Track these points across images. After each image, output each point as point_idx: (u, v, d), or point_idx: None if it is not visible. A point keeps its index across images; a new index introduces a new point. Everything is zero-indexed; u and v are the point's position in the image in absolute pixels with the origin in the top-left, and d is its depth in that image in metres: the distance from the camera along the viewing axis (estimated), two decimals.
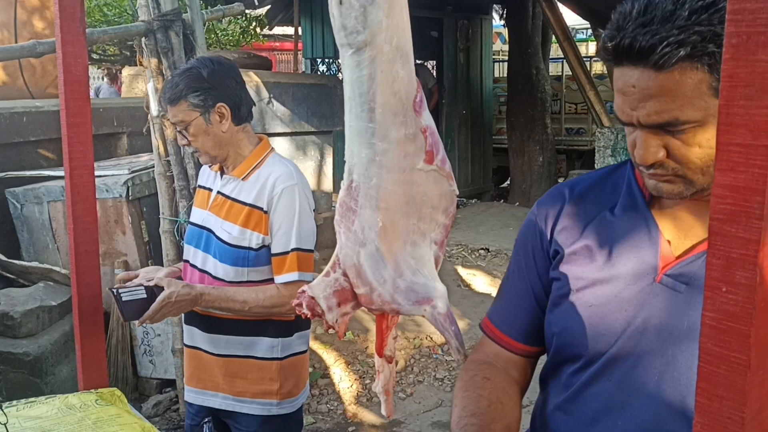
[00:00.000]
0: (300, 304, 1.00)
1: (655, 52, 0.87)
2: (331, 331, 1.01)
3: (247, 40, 9.79)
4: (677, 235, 1.04)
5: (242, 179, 2.07)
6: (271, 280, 2.05)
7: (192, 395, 2.21)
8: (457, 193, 1.01)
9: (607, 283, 1.06)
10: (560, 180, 8.84)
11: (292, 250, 2.01)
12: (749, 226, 0.55)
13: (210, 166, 2.18)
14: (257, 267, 2.05)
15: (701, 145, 0.91)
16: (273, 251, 2.03)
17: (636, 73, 0.90)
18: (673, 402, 0.99)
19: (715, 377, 0.59)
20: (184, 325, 2.22)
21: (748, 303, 0.56)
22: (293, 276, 2.00)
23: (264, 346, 2.10)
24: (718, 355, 0.59)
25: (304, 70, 10.28)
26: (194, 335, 2.17)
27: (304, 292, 1.00)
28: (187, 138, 2.04)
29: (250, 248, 2.03)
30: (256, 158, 2.09)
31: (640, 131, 0.94)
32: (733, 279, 0.57)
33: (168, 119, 2.11)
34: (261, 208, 2.02)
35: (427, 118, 0.97)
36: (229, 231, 2.04)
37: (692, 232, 1.03)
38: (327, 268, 1.01)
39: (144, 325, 2.04)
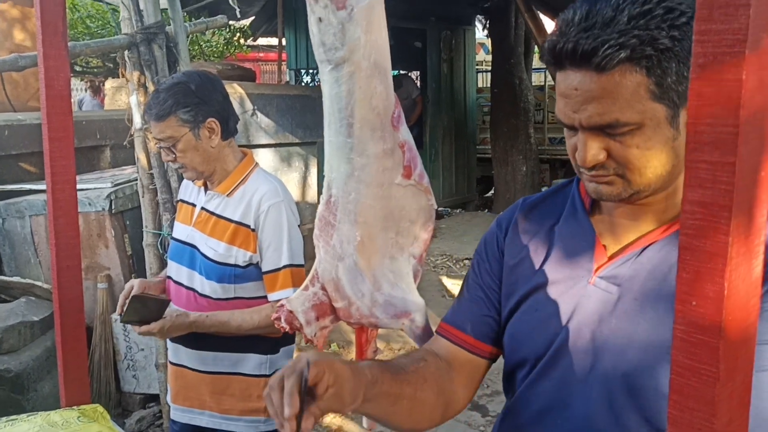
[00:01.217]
0: (278, 318, 1.00)
1: (597, 55, 0.90)
2: (310, 344, 1.01)
3: (231, 51, 9.79)
4: (613, 239, 1.08)
5: (227, 195, 2.05)
6: (260, 297, 2.05)
7: (178, 413, 2.18)
8: (436, 207, 1.01)
9: (547, 287, 1.11)
10: (544, 189, 8.89)
11: (284, 266, 2.00)
12: (717, 241, 0.57)
13: (193, 181, 2.17)
14: (244, 283, 2.04)
15: (639, 147, 0.94)
16: (264, 269, 2.02)
17: (578, 76, 0.94)
18: (602, 400, 1.02)
19: (686, 389, 0.60)
20: (169, 342, 2.20)
21: (716, 316, 0.57)
22: (289, 292, 1.96)
23: (253, 363, 2.09)
24: (689, 367, 0.60)
25: (288, 81, 10.30)
26: (179, 352, 2.15)
27: (282, 306, 1.01)
28: (174, 154, 2.00)
29: (236, 265, 2.02)
30: (241, 174, 2.08)
31: (581, 134, 0.98)
32: (703, 293, 0.58)
33: (153, 135, 2.06)
34: (248, 226, 2.01)
35: (404, 133, 0.97)
36: (214, 248, 2.03)
37: (626, 236, 1.06)
38: (306, 282, 1.02)
39: (127, 339, 2.03)
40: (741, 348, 0.60)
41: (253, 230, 2.01)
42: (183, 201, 2.23)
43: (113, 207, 3.96)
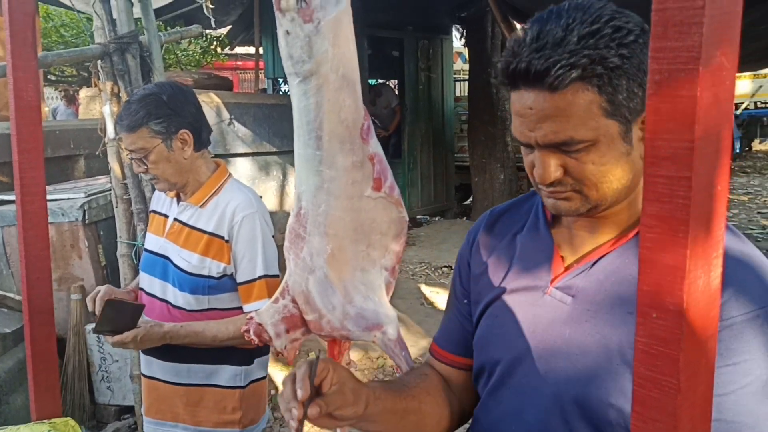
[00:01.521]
0: (248, 331, 1.00)
1: (549, 75, 0.92)
2: (281, 356, 1.01)
3: (208, 60, 9.75)
4: (571, 250, 1.11)
5: (200, 206, 2.04)
6: (235, 308, 2.04)
7: (151, 427, 2.16)
8: (407, 219, 1.01)
9: (508, 296, 1.14)
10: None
11: (260, 277, 1.99)
12: (675, 254, 0.57)
13: (166, 192, 2.15)
14: (218, 294, 2.03)
15: (594, 163, 0.97)
16: (239, 280, 2.01)
17: (532, 96, 0.96)
18: (555, 409, 1.05)
19: (649, 400, 0.61)
20: (142, 354, 2.18)
21: (676, 328, 0.58)
22: (264, 303, 1.96)
23: (227, 374, 2.08)
24: (651, 379, 0.60)
25: (266, 89, 10.27)
26: (152, 364, 2.13)
27: (251, 318, 1.01)
28: (146, 165, 1.98)
29: (210, 277, 2.00)
30: (214, 185, 2.07)
31: (538, 152, 1.00)
32: (662, 305, 0.59)
33: (124, 146, 2.03)
34: (222, 237, 2.00)
35: (374, 146, 0.97)
36: (187, 259, 2.02)
37: (583, 247, 1.09)
38: (276, 294, 1.01)
39: (101, 350, 2.02)
40: (701, 359, 0.61)
41: (227, 241, 2.00)
42: (155, 212, 2.21)
43: (87, 217, 3.92)
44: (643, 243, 0.60)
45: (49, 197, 2.35)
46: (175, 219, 2.09)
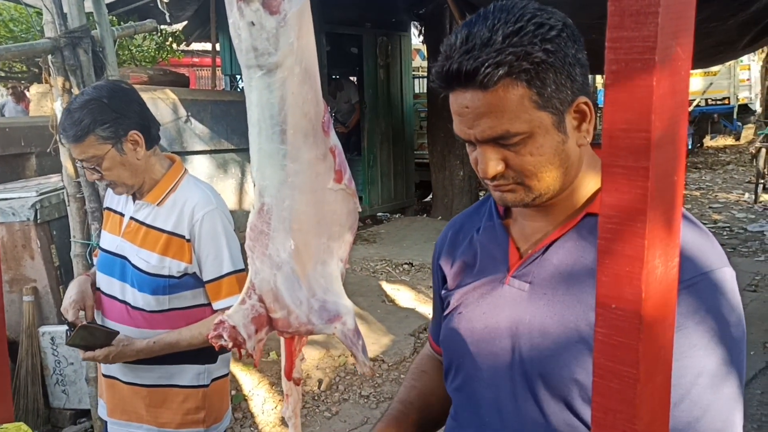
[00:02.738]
0: (220, 336, 0.98)
1: (479, 74, 0.97)
2: (249, 358, 0.99)
3: (164, 56, 9.58)
4: (524, 240, 1.17)
5: (157, 205, 1.99)
6: (197, 306, 2.00)
7: (115, 428, 2.10)
8: (360, 209, 1.02)
9: (471, 293, 1.19)
10: (481, 194, 9.02)
11: (228, 273, 1.96)
12: (634, 244, 0.57)
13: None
14: (179, 293, 1.99)
15: (532, 154, 1.02)
16: (206, 278, 1.98)
17: (467, 95, 1.01)
18: (526, 394, 1.09)
19: (608, 391, 0.61)
20: None
21: (635, 319, 0.58)
22: (237, 299, 1.94)
23: (190, 374, 2.04)
24: (610, 369, 0.60)
25: (224, 86, 10.15)
26: (111, 365, 2.08)
27: (222, 322, 0.99)
28: (100, 172, 1.92)
29: (171, 276, 1.96)
30: (170, 182, 2.02)
31: (479, 147, 1.05)
32: (621, 295, 0.59)
33: (74, 156, 1.95)
34: (182, 236, 1.96)
35: (334, 138, 0.97)
36: (146, 259, 1.97)
37: (534, 235, 1.15)
38: (242, 295, 1.00)
39: (56, 353, 1.98)
40: (660, 349, 0.61)
41: (188, 240, 1.96)
42: (110, 209, 2.15)
43: (39, 216, 3.82)
44: (602, 234, 0.60)
45: None
46: (132, 218, 2.03)
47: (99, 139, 1.88)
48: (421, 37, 9.81)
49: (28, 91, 8.63)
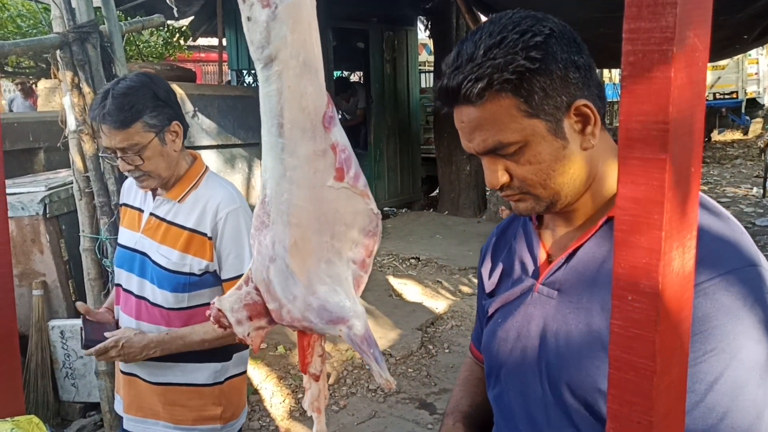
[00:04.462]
0: (209, 316, 1.00)
1: (461, 89, 0.99)
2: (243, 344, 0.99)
3: (171, 51, 9.58)
4: (555, 246, 1.16)
5: (178, 201, 1.98)
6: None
7: (132, 424, 2.10)
8: (376, 211, 0.99)
9: (506, 300, 1.19)
10: (488, 189, 9.00)
11: None
12: (651, 236, 0.57)
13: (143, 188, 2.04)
14: (199, 291, 1.98)
15: (531, 162, 1.02)
16: (225, 276, 1.96)
17: (462, 111, 1.02)
18: (554, 403, 1.07)
19: (624, 383, 0.61)
20: None
21: (652, 310, 0.58)
22: None
23: (206, 372, 2.04)
24: (627, 361, 0.60)
25: (230, 81, 10.15)
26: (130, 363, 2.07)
27: (213, 303, 0.99)
28: (141, 161, 1.87)
29: (192, 274, 1.95)
30: (192, 178, 2.01)
31: (482, 160, 1.06)
32: (638, 288, 0.58)
33: (112, 145, 1.86)
34: (204, 234, 1.94)
35: (337, 134, 0.95)
36: (167, 256, 1.96)
37: (563, 241, 1.14)
38: (240, 281, 1.00)
39: (65, 347, 1.98)
40: (676, 341, 0.61)
41: (210, 238, 1.95)
42: (127, 205, 2.14)
43: (48, 211, 3.83)
44: (618, 225, 0.59)
45: (8, 191, 2.29)
46: (152, 214, 2.02)
47: (145, 127, 1.85)
48: (428, 32, 9.77)
49: (36, 86, 8.65)
